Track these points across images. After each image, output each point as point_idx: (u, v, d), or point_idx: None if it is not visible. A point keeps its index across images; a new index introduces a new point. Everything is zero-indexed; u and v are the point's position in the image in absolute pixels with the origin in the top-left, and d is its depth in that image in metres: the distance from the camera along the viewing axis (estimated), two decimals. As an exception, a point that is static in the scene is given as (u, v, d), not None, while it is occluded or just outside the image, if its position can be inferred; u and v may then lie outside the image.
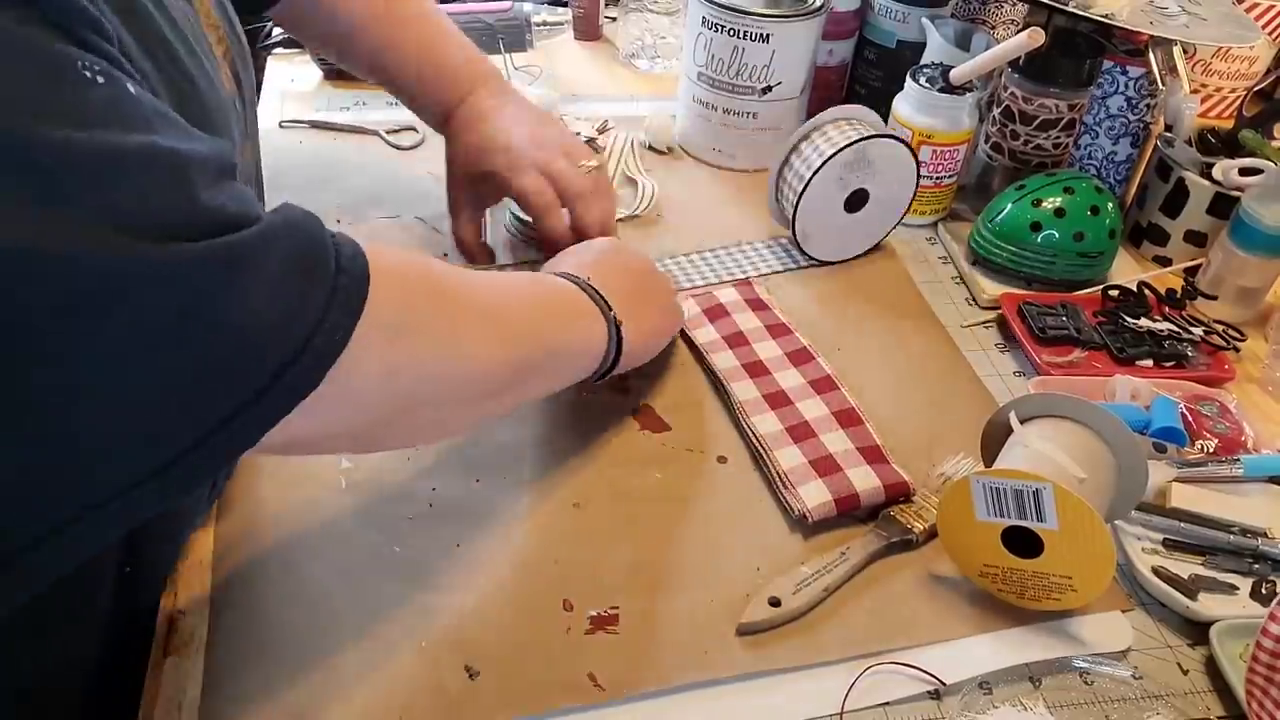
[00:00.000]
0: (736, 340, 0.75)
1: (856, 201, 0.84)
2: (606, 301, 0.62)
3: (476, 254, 0.82)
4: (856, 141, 0.80)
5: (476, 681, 0.53)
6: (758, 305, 0.79)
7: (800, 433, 0.67)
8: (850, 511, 0.63)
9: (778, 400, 0.70)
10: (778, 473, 0.64)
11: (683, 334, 0.76)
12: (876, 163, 0.82)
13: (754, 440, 0.67)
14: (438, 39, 0.80)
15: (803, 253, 0.85)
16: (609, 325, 0.61)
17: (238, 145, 0.52)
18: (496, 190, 0.79)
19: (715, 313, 0.78)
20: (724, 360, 0.73)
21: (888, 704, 0.54)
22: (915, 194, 0.87)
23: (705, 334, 0.76)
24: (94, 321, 0.32)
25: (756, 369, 0.73)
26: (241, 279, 0.36)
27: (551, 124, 0.80)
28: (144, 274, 0.33)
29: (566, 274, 0.63)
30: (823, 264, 0.86)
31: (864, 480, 0.63)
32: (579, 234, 0.75)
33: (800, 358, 0.74)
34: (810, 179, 0.80)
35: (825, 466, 0.64)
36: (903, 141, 0.83)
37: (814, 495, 0.62)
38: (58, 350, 0.32)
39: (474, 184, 0.79)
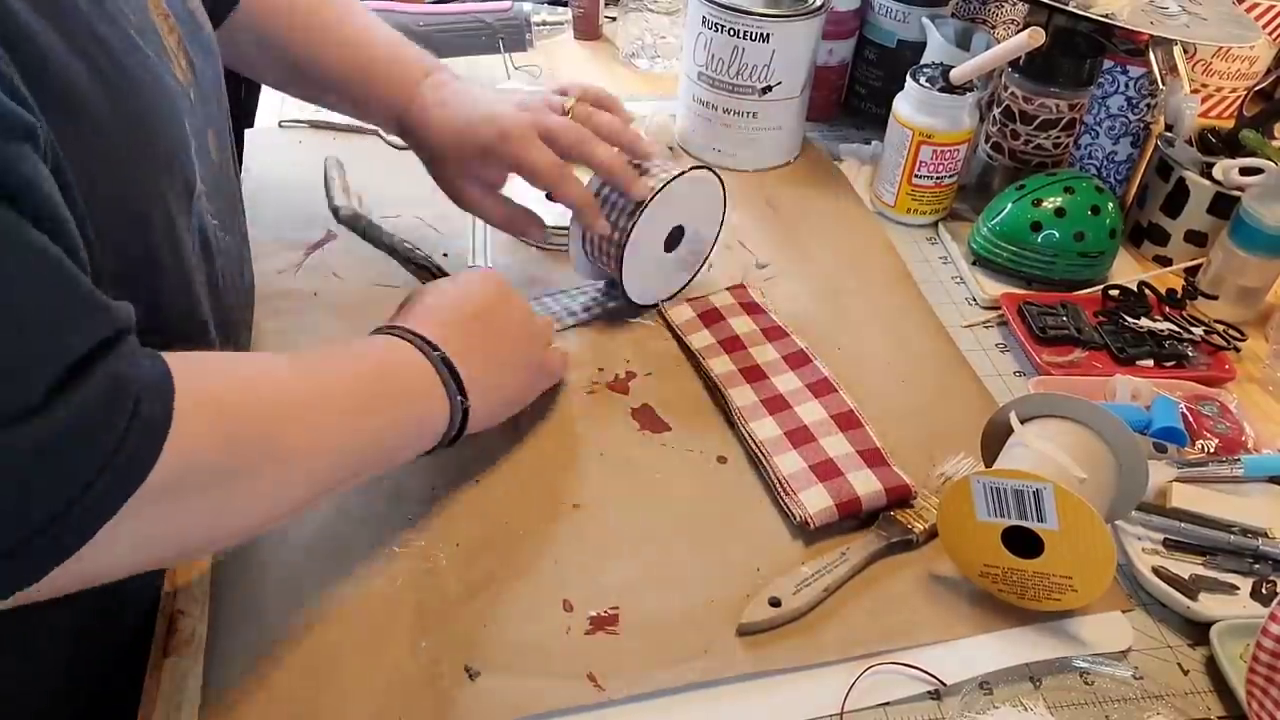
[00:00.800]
0: (732, 345, 0.75)
1: (675, 239, 0.77)
2: (453, 369, 0.57)
3: (521, 224, 0.76)
4: (671, 180, 0.72)
5: (476, 681, 0.53)
6: (753, 309, 0.79)
7: (799, 437, 0.67)
8: (852, 515, 0.62)
9: (776, 405, 0.70)
10: (778, 478, 0.64)
11: (678, 339, 0.76)
12: (688, 196, 0.76)
13: (753, 446, 0.67)
14: (369, 37, 0.76)
15: (628, 300, 0.77)
16: (450, 401, 0.57)
17: (190, 139, 0.51)
18: (500, 167, 0.73)
19: (710, 317, 0.77)
20: (720, 365, 0.73)
21: (888, 704, 0.54)
22: (725, 214, 0.80)
23: (701, 339, 0.75)
24: None
25: (753, 373, 0.72)
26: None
27: (514, 94, 0.75)
28: None
29: (405, 332, 0.57)
30: (644, 308, 0.79)
31: (865, 484, 0.63)
32: (605, 176, 0.72)
33: (797, 360, 0.73)
34: (630, 228, 0.72)
35: (825, 471, 0.64)
36: (708, 168, 0.76)
37: (815, 501, 0.62)
38: None
39: (472, 168, 0.73)
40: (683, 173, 0.73)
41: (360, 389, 0.53)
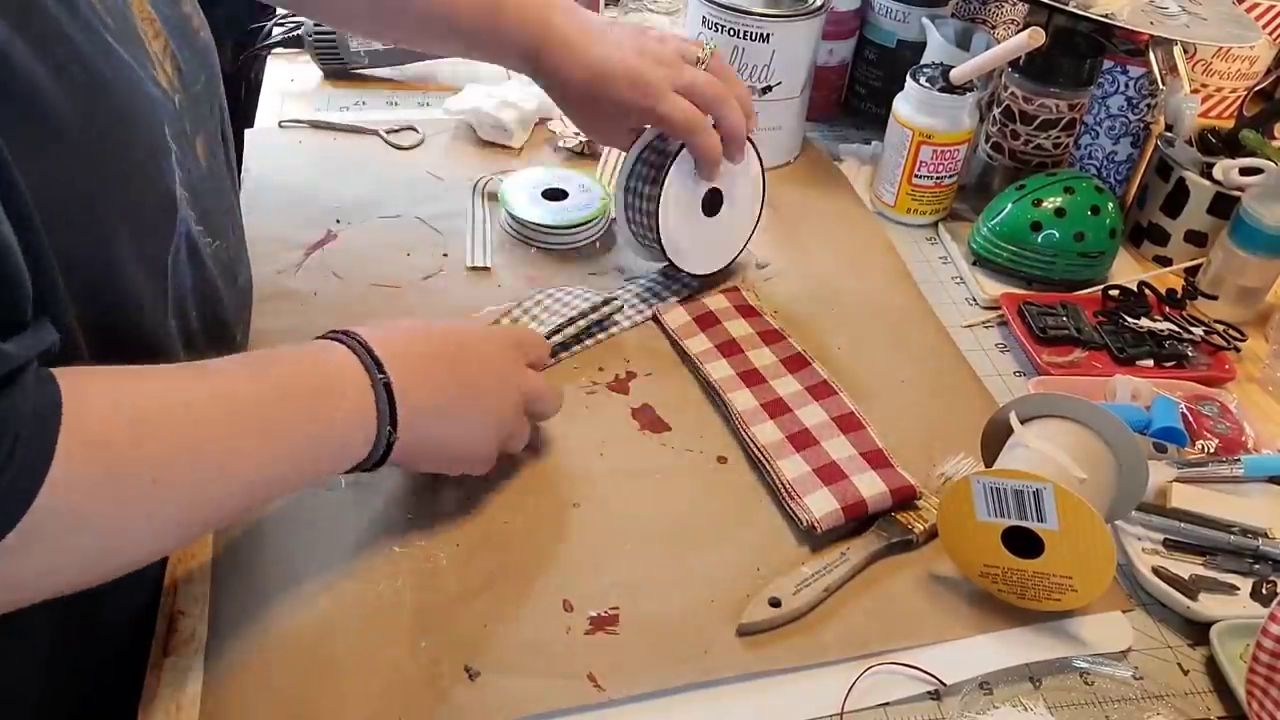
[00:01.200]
0: (729, 349, 0.75)
1: (714, 203, 0.78)
2: (391, 396, 0.52)
3: None
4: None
5: (476, 681, 0.53)
6: (747, 312, 0.78)
7: (801, 440, 0.67)
8: (858, 518, 0.62)
9: (776, 408, 0.70)
10: (782, 483, 0.64)
11: (675, 344, 0.76)
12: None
13: (756, 451, 0.66)
14: None
15: (676, 271, 0.79)
16: (378, 430, 0.52)
17: (171, 146, 0.50)
18: (637, 117, 0.73)
19: (705, 321, 0.77)
20: (719, 370, 0.73)
21: (888, 704, 0.54)
22: (765, 188, 0.82)
23: (698, 343, 0.75)
24: None
25: (752, 377, 0.72)
26: None
27: (647, 33, 0.75)
28: None
29: (354, 342, 0.53)
30: (700, 278, 0.81)
31: (870, 486, 0.63)
32: (726, 138, 0.73)
33: (795, 364, 0.73)
34: (664, 181, 0.74)
35: (830, 474, 0.64)
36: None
37: (821, 505, 0.62)
38: None
39: (609, 118, 0.74)
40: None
41: (275, 413, 0.48)
